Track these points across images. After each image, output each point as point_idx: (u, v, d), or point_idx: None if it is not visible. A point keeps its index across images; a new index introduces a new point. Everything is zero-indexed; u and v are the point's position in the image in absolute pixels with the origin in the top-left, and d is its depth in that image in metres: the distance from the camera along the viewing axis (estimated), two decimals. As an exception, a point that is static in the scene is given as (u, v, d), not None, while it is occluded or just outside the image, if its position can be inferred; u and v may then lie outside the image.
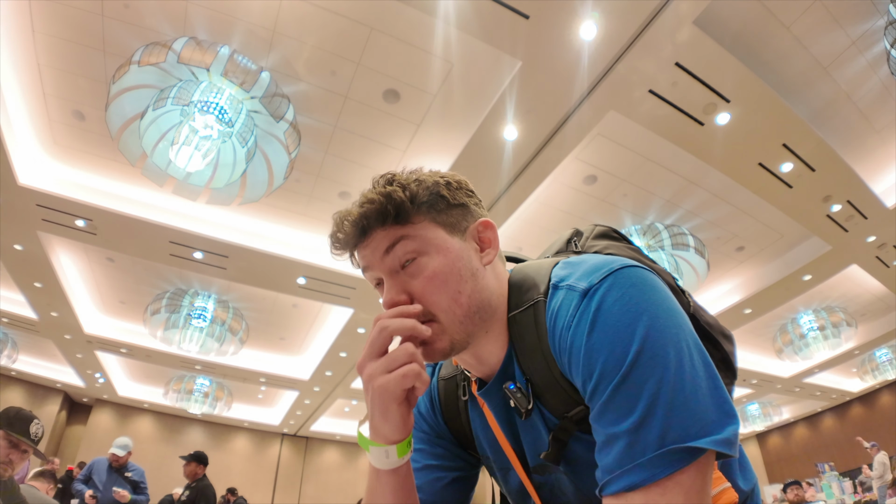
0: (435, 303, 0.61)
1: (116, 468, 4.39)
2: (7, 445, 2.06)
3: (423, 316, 0.62)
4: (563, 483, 0.67)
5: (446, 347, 0.62)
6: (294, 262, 5.82)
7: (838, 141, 4.73)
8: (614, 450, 0.51)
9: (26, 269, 6.31)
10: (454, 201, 0.66)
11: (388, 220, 0.63)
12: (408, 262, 0.63)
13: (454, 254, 0.63)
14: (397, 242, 0.63)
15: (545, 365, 0.62)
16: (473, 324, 0.63)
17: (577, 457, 0.63)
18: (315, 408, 11.06)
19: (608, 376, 0.52)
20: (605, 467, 0.52)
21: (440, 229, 0.64)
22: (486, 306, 0.64)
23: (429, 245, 0.63)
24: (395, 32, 3.65)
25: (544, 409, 0.64)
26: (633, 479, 0.49)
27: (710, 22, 3.56)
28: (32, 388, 10.63)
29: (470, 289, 0.63)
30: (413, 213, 0.64)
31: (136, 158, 3.78)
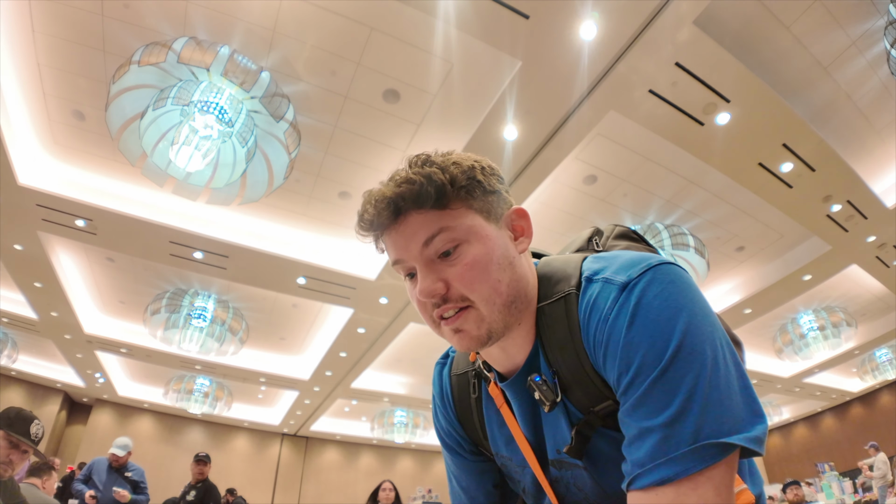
0: (475, 291, 0.59)
1: (116, 468, 4.39)
2: (7, 446, 2.06)
3: (461, 302, 0.60)
4: (581, 478, 0.66)
5: (483, 336, 0.61)
6: (294, 262, 5.82)
7: (838, 141, 4.73)
8: (647, 443, 0.51)
9: (26, 269, 6.31)
10: (489, 188, 0.64)
11: (426, 204, 0.59)
12: (447, 252, 0.60)
13: (493, 241, 0.61)
14: (437, 234, 0.59)
15: (576, 358, 0.61)
16: (511, 313, 0.62)
17: (600, 452, 0.62)
18: (315, 408, 11.06)
19: (647, 370, 0.52)
20: (637, 461, 0.52)
21: (478, 216, 0.62)
22: (522, 296, 0.63)
23: (468, 233, 0.60)
24: (395, 32, 3.65)
25: (569, 402, 0.63)
26: (665, 473, 0.49)
27: (710, 22, 3.56)
28: (32, 387, 10.63)
29: (508, 277, 0.61)
30: (452, 198, 0.60)
31: (136, 158, 3.78)
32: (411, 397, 10.54)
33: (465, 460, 0.82)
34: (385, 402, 10.95)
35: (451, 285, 0.60)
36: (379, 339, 7.77)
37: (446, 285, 0.60)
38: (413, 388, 10.41)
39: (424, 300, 0.61)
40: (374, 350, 8.14)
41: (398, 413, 11.28)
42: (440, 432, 0.83)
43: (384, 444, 14.05)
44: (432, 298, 0.60)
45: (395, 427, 11.19)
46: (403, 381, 10.33)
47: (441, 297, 0.60)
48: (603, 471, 0.63)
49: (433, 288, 0.60)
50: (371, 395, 10.28)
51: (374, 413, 11.57)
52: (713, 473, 0.49)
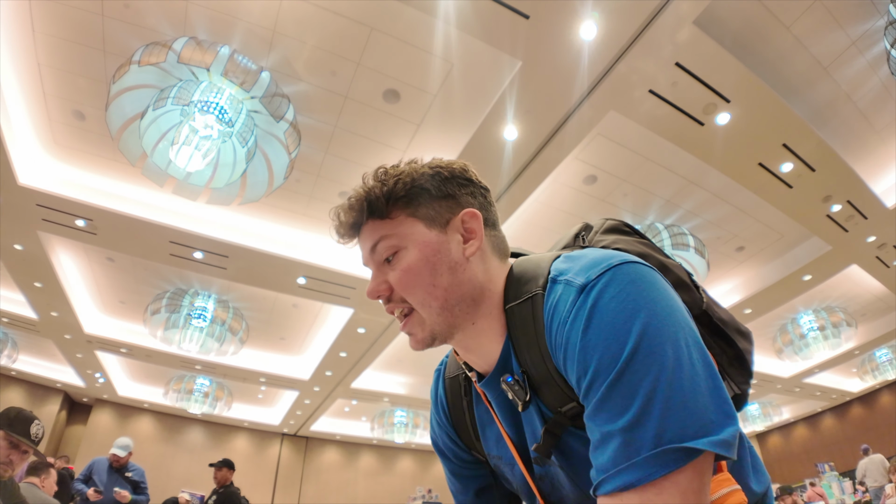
0: (410, 295, 0.64)
1: (117, 468, 4.39)
2: (7, 446, 2.06)
3: (401, 304, 0.65)
4: (561, 477, 0.66)
5: (428, 337, 0.65)
6: (294, 262, 5.82)
7: (838, 141, 4.73)
8: (609, 448, 0.50)
9: (26, 269, 6.31)
10: (438, 193, 0.66)
11: (369, 216, 0.66)
12: (390, 257, 0.65)
13: (431, 248, 0.64)
14: (379, 242, 0.65)
15: (541, 359, 0.61)
16: (454, 315, 0.64)
17: (573, 451, 0.62)
18: (315, 408, 11.06)
19: (603, 373, 0.51)
20: (600, 466, 0.51)
21: (418, 223, 0.65)
22: (467, 298, 0.64)
23: (405, 239, 0.64)
24: (395, 32, 3.65)
25: (541, 402, 0.63)
26: (627, 479, 0.48)
27: (710, 22, 3.56)
28: (32, 387, 10.63)
29: (447, 281, 0.63)
30: (391, 208, 0.65)
31: (137, 158, 3.78)
32: (411, 397, 10.54)
33: (453, 465, 0.84)
34: (385, 402, 10.96)
35: (394, 287, 0.65)
36: (379, 339, 7.78)
37: (389, 288, 0.65)
38: (413, 388, 10.41)
39: (372, 298, 0.67)
40: (374, 350, 8.14)
41: (398, 413, 11.28)
42: (433, 437, 0.86)
43: (384, 444, 14.05)
44: (377, 298, 0.66)
45: (395, 427, 11.19)
46: (403, 381, 10.33)
47: (385, 298, 0.66)
48: (577, 469, 0.63)
49: (376, 289, 0.66)
50: (371, 395, 10.28)
51: (374, 413, 11.57)
52: (679, 478, 0.47)
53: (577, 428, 0.61)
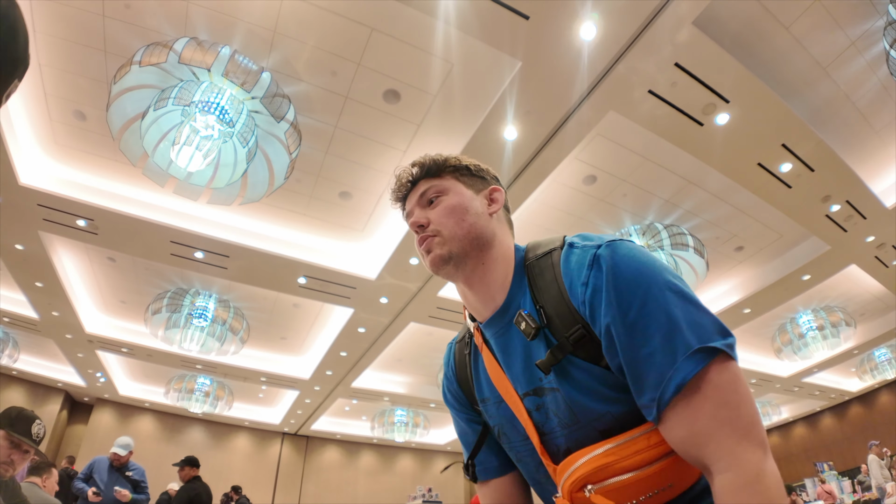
0: (443, 223, 0.83)
1: (117, 467, 4.40)
2: (8, 446, 2.06)
3: (433, 232, 0.83)
4: (556, 402, 0.75)
5: (444, 254, 0.81)
6: (295, 262, 5.83)
7: (837, 141, 4.74)
8: (654, 365, 0.64)
9: (27, 269, 6.32)
10: (475, 173, 0.90)
11: (430, 174, 0.87)
12: (433, 200, 0.86)
13: (466, 197, 0.86)
14: (429, 188, 0.86)
15: (559, 295, 0.75)
16: (470, 246, 0.82)
17: (573, 378, 0.73)
18: (315, 407, 11.08)
19: (632, 307, 0.66)
20: (652, 385, 0.64)
21: (460, 183, 0.87)
22: (482, 239, 0.83)
23: (449, 190, 0.86)
24: (395, 33, 3.66)
25: (548, 332, 0.76)
26: (677, 380, 0.62)
27: (710, 22, 3.57)
28: (33, 387, 10.65)
29: (472, 220, 0.83)
30: (445, 172, 0.88)
31: (138, 158, 3.79)
32: (411, 396, 10.55)
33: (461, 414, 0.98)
34: (385, 402, 10.97)
35: (430, 221, 0.84)
36: (379, 339, 7.79)
37: (428, 221, 0.84)
38: (413, 387, 10.43)
39: (413, 230, 0.86)
40: (375, 349, 8.15)
41: (398, 412, 11.29)
42: (444, 395, 1.01)
43: (384, 444, 14.06)
44: (417, 228, 0.85)
45: (395, 426, 11.21)
46: (403, 380, 10.34)
47: (423, 226, 0.84)
48: (576, 394, 0.73)
49: (418, 220, 0.85)
50: (371, 394, 10.30)
51: (375, 412, 11.59)
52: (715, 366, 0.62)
53: (576, 356, 0.73)
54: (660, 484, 0.68)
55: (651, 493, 0.68)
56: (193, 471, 4.85)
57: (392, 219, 5.62)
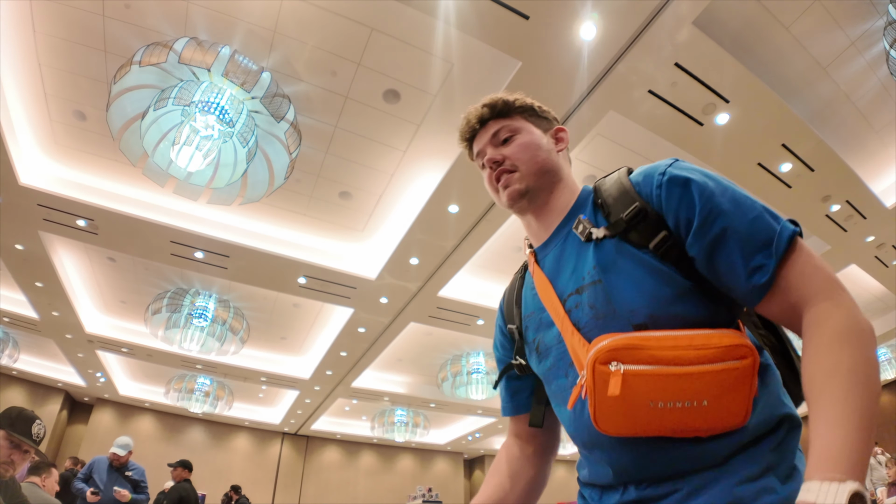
0: (519, 159, 0.89)
1: (117, 467, 4.40)
2: (9, 446, 2.06)
3: (510, 167, 0.89)
4: (595, 295, 0.76)
5: (522, 188, 0.88)
6: (295, 262, 5.84)
7: (837, 141, 4.74)
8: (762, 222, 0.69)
9: (27, 269, 6.33)
10: (540, 114, 0.96)
11: (500, 114, 0.93)
12: (506, 139, 0.92)
13: (537, 136, 0.92)
14: (502, 128, 0.92)
15: (622, 187, 0.81)
16: (543, 180, 0.89)
17: (616, 262, 0.76)
18: (315, 407, 11.08)
19: (727, 187, 0.73)
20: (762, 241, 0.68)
21: (529, 123, 0.94)
22: (553, 169, 0.91)
23: (521, 129, 0.92)
24: (395, 33, 3.66)
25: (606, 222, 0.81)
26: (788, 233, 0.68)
27: (710, 22, 3.57)
28: (33, 387, 10.65)
29: (544, 155, 0.91)
30: (515, 112, 0.94)
31: (138, 158, 3.79)
32: (411, 396, 10.55)
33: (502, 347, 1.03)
34: (385, 402, 10.97)
35: (506, 157, 0.90)
36: (379, 339, 7.79)
37: (504, 157, 0.90)
38: (413, 387, 10.43)
39: (489, 166, 0.92)
40: (375, 349, 8.16)
41: (398, 412, 11.30)
42: (494, 346, 1.07)
43: (384, 443, 14.07)
44: (492, 163, 0.91)
45: (395, 426, 11.21)
46: (403, 380, 10.34)
47: (498, 163, 0.90)
48: (617, 281, 0.75)
49: (494, 156, 0.91)
50: (371, 394, 10.30)
51: (375, 412, 11.59)
52: (797, 248, 0.68)
53: (627, 239, 0.77)
54: (693, 394, 0.64)
55: (681, 401, 0.64)
56: (186, 473, 5.20)
57: (392, 219, 5.62)
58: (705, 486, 0.67)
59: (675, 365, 0.64)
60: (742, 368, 0.64)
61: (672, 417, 0.66)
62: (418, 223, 5.21)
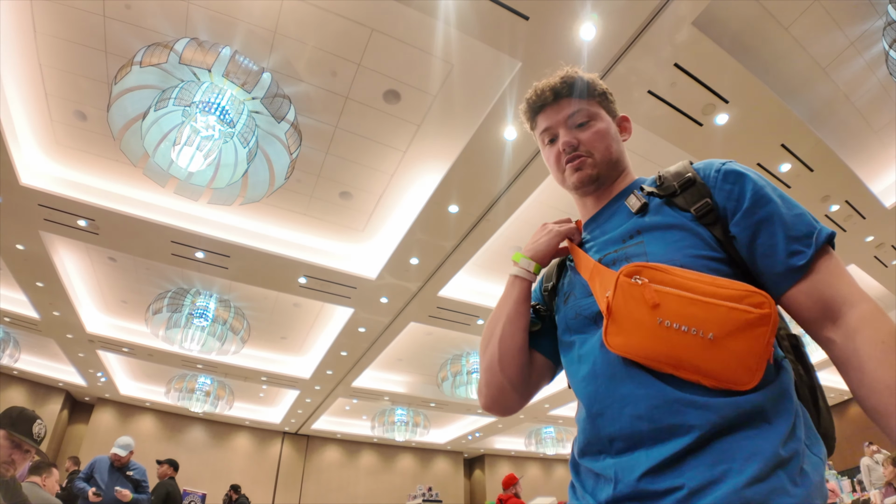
0: (595, 147, 0.93)
1: (118, 467, 4.41)
2: (9, 446, 2.07)
3: (584, 153, 0.93)
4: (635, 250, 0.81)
5: (594, 174, 0.93)
6: (295, 262, 5.84)
7: (837, 141, 4.74)
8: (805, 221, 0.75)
9: (28, 269, 6.34)
10: (611, 100, 1.01)
11: (575, 94, 0.95)
12: (582, 124, 0.94)
13: (611, 125, 0.97)
14: (578, 111, 0.94)
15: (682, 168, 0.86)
16: (613, 169, 0.95)
17: (660, 224, 0.81)
18: (316, 406, 11.09)
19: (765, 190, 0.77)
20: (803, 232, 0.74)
21: (603, 110, 0.97)
22: (622, 162, 0.96)
23: (598, 116, 0.96)
24: (395, 33, 3.66)
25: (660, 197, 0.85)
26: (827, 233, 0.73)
27: (709, 23, 3.57)
28: (34, 387, 10.66)
29: (616, 146, 0.96)
30: (592, 95, 0.96)
31: (138, 158, 3.80)
32: (411, 396, 10.56)
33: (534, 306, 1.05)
34: (385, 401, 10.98)
35: (581, 143, 0.94)
36: (379, 339, 7.80)
37: (579, 142, 0.94)
38: (413, 387, 10.44)
39: (563, 149, 0.94)
40: (375, 349, 8.16)
41: (398, 412, 11.30)
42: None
43: (385, 443, 14.08)
44: (568, 147, 0.94)
45: (395, 426, 11.22)
46: (404, 380, 10.35)
47: (574, 147, 0.94)
48: (659, 245, 0.79)
49: (571, 141, 0.93)
50: (371, 393, 10.31)
51: (375, 412, 11.60)
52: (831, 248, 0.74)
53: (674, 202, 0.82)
54: (702, 322, 0.66)
55: (688, 325, 0.66)
56: (171, 471, 5.46)
57: (392, 219, 5.63)
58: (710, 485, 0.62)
59: (692, 292, 0.68)
60: (756, 316, 0.65)
61: (678, 342, 0.67)
62: (418, 223, 5.22)
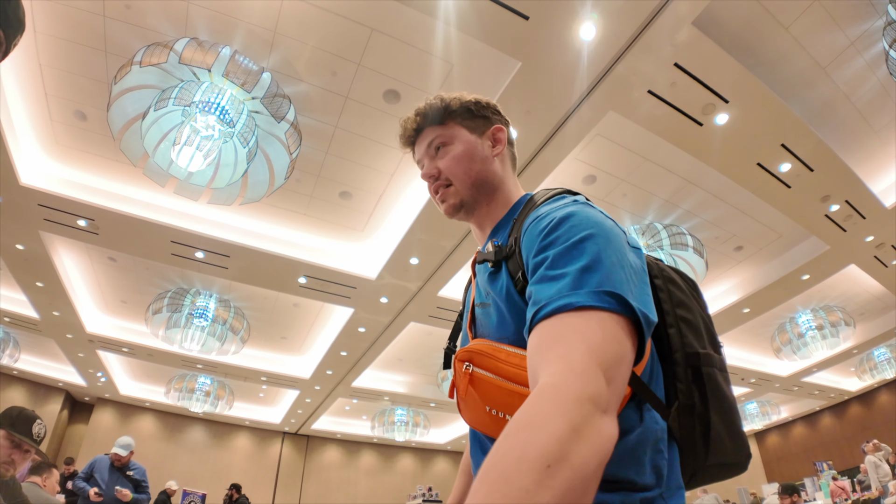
0: (453, 173, 0.89)
1: (118, 467, 4.41)
2: (9, 446, 2.07)
3: (445, 182, 0.90)
4: (489, 313, 0.79)
5: (457, 203, 0.90)
6: (295, 262, 5.84)
7: (837, 141, 4.74)
8: (560, 283, 0.60)
9: (28, 269, 6.33)
10: (478, 114, 0.94)
11: (428, 122, 0.92)
12: (439, 148, 0.91)
13: (471, 144, 0.91)
14: (435, 138, 0.91)
15: (525, 217, 0.79)
16: (479, 192, 0.90)
17: (498, 285, 0.77)
18: (316, 406, 11.09)
19: (567, 239, 0.65)
20: (545, 297, 0.60)
21: (463, 129, 0.92)
22: (489, 182, 0.90)
23: (455, 138, 0.91)
24: (395, 33, 3.66)
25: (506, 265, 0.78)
26: (570, 301, 0.58)
27: (709, 22, 3.57)
28: (34, 387, 10.66)
29: (479, 168, 0.90)
30: (447, 118, 0.92)
31: (138, 158, 3.79)
32: (411, 396, 10.56)
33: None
34: (385, 401, 10.98)
35: (441, 171, 0.90)
36: (379, 339, 7.80)
37: (439, 171, 0.91)
38: (413, 387, 10.44)
39: (425, 180, 0.92)
40: (375, 349, 8.16)
41: (398, 412, 11.30)
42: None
43: (385, 443, 14.08)
44: (429, 179, 0.91)
45: (395, 426, 11.22)
46: (404, 379, 10.35)
47: (434, 178, 0.91)
48: (500, 302, 0.76)
49: (430, 172, 0.91)
50: (371, 393, 10.31)
51: (375, 412, 11.60)
52: (604, 316, 0.57)
53: (507, 265, 0.77)
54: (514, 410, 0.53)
55: (510, 414, 0.66)
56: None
57: (392, 219, 5.63)
58: None
59: (508, 380, 0.67)
60: None
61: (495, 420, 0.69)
62: (418, 223, 5.22)
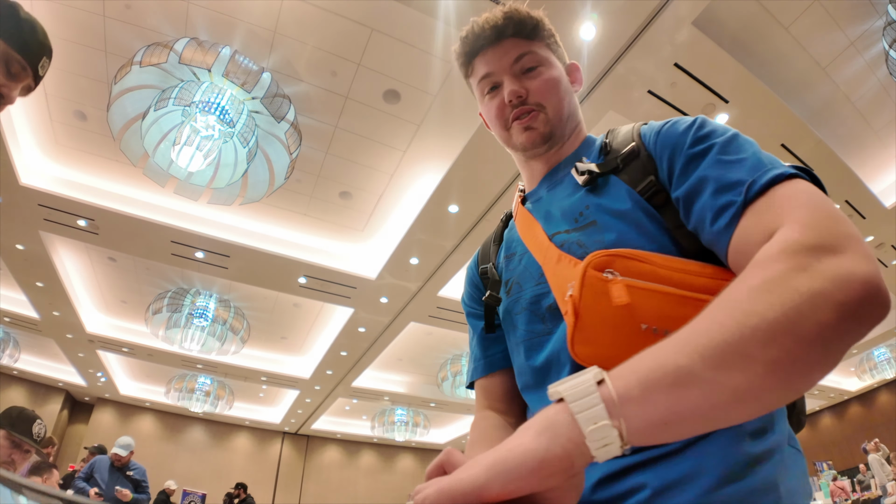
0: (548, 100, 0.78)
1: (118, 467, 4.42)
2: (9, 445, 2.08)
3: (534, 107, 0.78)
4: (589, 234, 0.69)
5: (547, 133, 0.79)
6: (295, 262, 5.84)
7: (837, 141, 4.74)
8: (748, 163, 0.59)
9: (28, 269, 6.34)
10: (558, 45, 0.85)
11: (522, 33, 0.79)
12: (531, 69, 0.79)
13: (562, 73, 0.82)
14: (527, 54, 0.78)
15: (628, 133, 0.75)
16: (567, 125, 0.81)
17: (608, 203, 0.70)
18: (316, 406, 11.09)
19: (725, 131, 0.65)
20: (744, 174, 0.58)
21: (553, 55, 0.82)
22: (576, 117, 0.83)
23: (548, 61, 0.80)
24: (395, 33, 3.66)
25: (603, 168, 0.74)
26: (781, 171, 0.58)
27: (709, 22, 3.57)
28: (34, 387, 10.66)
29: (570, 100, 0.81)
30: (541, 36, 0.81)
31: (138, 158, 3.80)
32: (411, 396, 10.57)
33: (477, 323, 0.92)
34: (385, 401, 10.98)
35: (530, 93, 0.78)
36: (379, 339, 7.80)
37: (527, 92, 0.78)
38: (413, 387, 10.44)
39: (509, 100, 0.78)
40: (375, 349, 8.17)
41: (398, 412, 11.30)
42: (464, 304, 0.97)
43: (384, 443, 14.08)
44: (516, 98, 0.78)
45: (395, 426, 11.22)
46: (404, 379, 10.35)
47: (521, 99, 0.78)
48: (612, 220, 0.68)
49: (518, 90, 0.77)
50: (371, 393, 10.31)
51: (375, 412, 11.60)
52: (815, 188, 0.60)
53: (618, 175, 0.71)
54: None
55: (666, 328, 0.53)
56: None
57: (392, 219, 5.62)
58: (677, 485, 0.53)
59: (682, 287, 0.56)
60: None
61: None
62: (418, 223, 5.22)
